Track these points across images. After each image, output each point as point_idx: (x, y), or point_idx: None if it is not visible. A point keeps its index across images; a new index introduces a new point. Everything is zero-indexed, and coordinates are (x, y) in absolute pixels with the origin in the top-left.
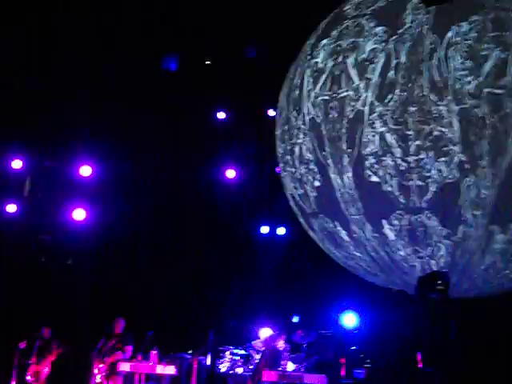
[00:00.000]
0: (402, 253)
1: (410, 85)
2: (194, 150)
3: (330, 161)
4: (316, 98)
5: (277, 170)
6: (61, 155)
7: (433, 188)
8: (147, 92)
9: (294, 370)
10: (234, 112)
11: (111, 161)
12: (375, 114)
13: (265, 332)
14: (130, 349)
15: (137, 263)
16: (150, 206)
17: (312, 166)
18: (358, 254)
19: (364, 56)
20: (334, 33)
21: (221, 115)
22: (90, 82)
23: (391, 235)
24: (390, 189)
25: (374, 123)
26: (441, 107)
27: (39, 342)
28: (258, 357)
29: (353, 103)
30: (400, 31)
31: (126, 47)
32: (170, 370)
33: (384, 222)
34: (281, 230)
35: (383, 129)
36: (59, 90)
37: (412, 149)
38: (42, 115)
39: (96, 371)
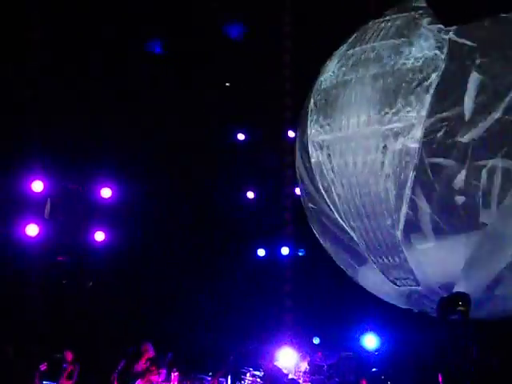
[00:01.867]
0: None
1: None
2: (214, 172)
3: None
4: None
5: (295, 190)
6: (81, 177)
7: None
8: (165, 112)
9: None
10: (254, 133)
11: (131, 183)
12: None
13: (285, 354)
14: (164, 372)
15: (157, 285)
16: (169, 228)
17: None
18: None
19: None
20: None
21: (240, 136)
22: (112, 105)
23: None
24: None
25: None
26: None
27: (64, 365)
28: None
29: None
30: None
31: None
32: None
33: None
34: (301, 251)
35: None
36: (80, 113)
37: None
38: (62, 138)
39: None
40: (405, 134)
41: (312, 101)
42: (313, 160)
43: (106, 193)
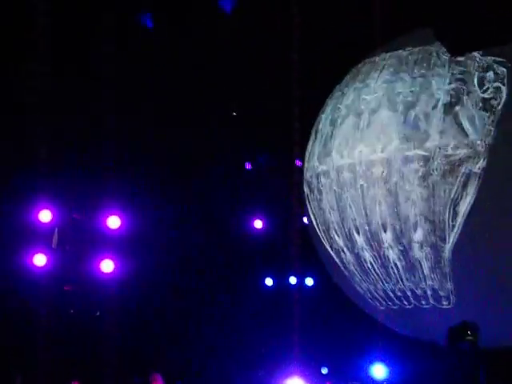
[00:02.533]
0: None
1: None
2: (222, 201)
3: None
4: None
5: (304, 219)
6: (89, 207)
7: None
8: (173, 140)
9: None
10: (262, 162)
11: (139, 212)
12: None
13: (293, 382)
14: None
15: (165, 315)
16: (178, 258)
17: None
18: None
19: None
20: None
21: (247, 165)
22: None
23: None
24: None
25: None
26: None
27: None
28: None
29: None
30: None
31: None
32: None
33: None
34: (309, 281)
35: None
36: (88, 142)
37: None
38: (69, 167)
39: None
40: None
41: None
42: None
43: (113, 222)
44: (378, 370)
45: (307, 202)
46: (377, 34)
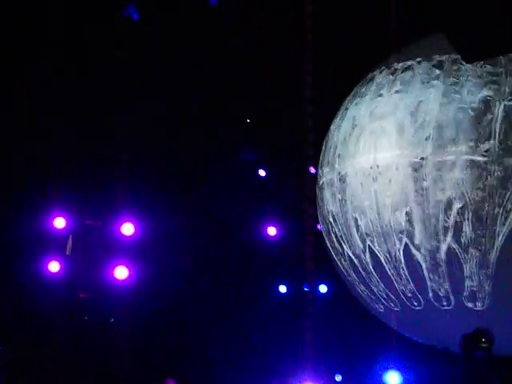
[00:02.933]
0: None
1: None
2: (236, 208)
3: None
4: None
5: (318, 227)
6: (103, 214)
7: None
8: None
9: None
10: (275, 168)
11: (153, 219)
12: None
13: None
14: None
15: (179, 322)
16: (191, 264)
17: None
18: None
19: None
20: None
21: (261, 172)
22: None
23: None
24: None
25: None
26: None
27: None
28: None
29: None
30: None
31: None
32: None
33: None
34: (323, 288)
35: None
36: (102, 149)
37: None
38: (84, 174)
39: None
40: None
41: None
42: None
43: (128, 229)
44: (393, 378)
45: (320, 208)
46: (391, 40)
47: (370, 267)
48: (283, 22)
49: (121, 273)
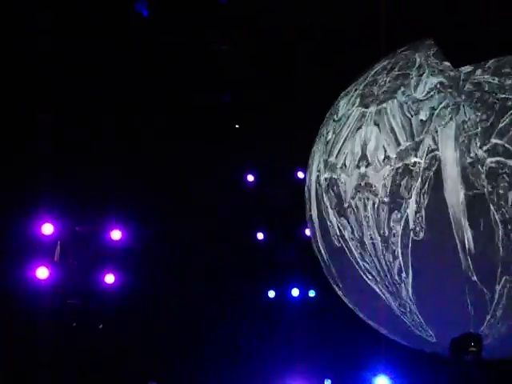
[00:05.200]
0: None
1: None
2: (224, 213)
3: None
4: None
5: (306, 231)
6: (91, 220)
7: None
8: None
9: None
10: (263, 174)
11: (142, 225)
12: None
13: None
14: None
15: (168, 327)
16: (180, 270)
17: None
18: None
19: None
20: None
21: (250, 178)
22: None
23: None
24: None
25: None
26: None
27: None
28: None
29: None
30: None
31: None
32: None
33: None
34: (311, 293)
35: None
36: (90, 154)
37: None
38: (72, 180)
39: None
40: None
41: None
42: None
43: (116, 235)
44: (381, 382)
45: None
46: (382, 44)
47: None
48: (273, 24)
49: (110, 279)
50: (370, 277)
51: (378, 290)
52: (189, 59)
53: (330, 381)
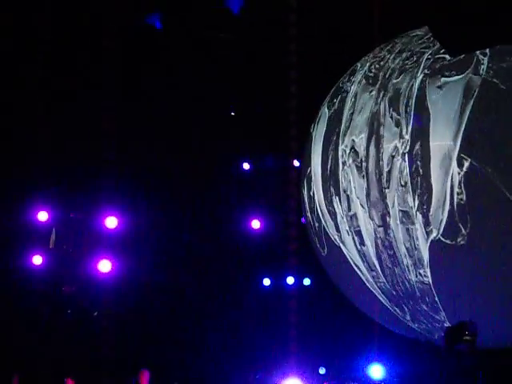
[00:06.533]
0: None
1: None
2: (220, 201)
3: None
4: None
5: (302, 220)
6: (86, 207)
7: None
8: (171, 141)
9: None
10: (260, 162)
11: (137, 212)
12: None
13: (290, 383)
14: None
15: (162, 315)
16: (175, 258)
17: None
18: None
19: None
20: None
21: (246, 166)
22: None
23: None
24: None
25: None
26: None
27: None
28: None
29: None
30: None
31: None
32: None
33: None
34: (306, 281)
35: None
36: (85, 142)
37: None
38: (67, 167)
39: None
40: None
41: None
42: None
43: (111, 222)
44: (376, 370)
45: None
46: (375, 33)
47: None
48: (266, 18)
49: (104, 266)
50: None
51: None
52: (185, 46)
53: (324, 368)
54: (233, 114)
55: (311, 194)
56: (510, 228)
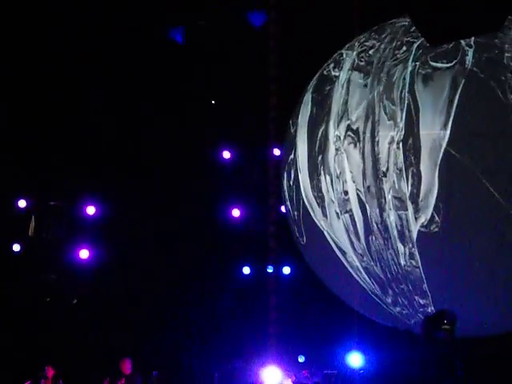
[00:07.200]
0: None
1: None
2: (199, 189)
3: None
4: None
5: (281, 208)
6: (66, 194)
7: None
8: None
9: None
10: (239, 150)
11: (115, 200)
12: None
13: (270, 372)
14: None
15: (142, 303)
16: (154, 246)
17: None
18: None
19: None
20: None
21: (226, 154)
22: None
23: None
24: None
25: None
26: None
27: (43, 381)
28: None
29: None
30: None
31: None
32: None
33: None
34: (286, 269)
35: None
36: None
37: None
38: (45, 154)
39: None
40: None
41: None
42: None
43: (90, 210)
44: (355, 359)
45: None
46: (355, 22)
47: None
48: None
49: (84, 253)
50: None
51: None
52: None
53: (303, 357)
54: (213, 102)
55: (290, 183)
56: (484, 218)
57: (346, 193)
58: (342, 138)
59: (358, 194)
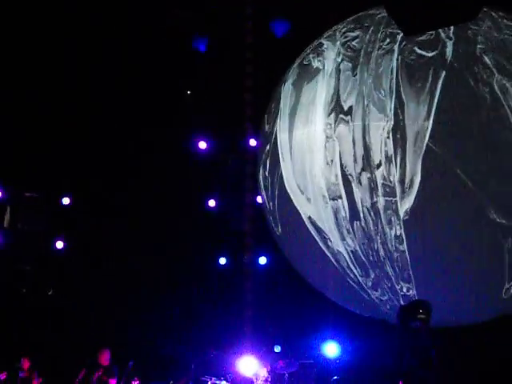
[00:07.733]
0: None
1: None
2: (176, 180)
3: None
4: None
5: (258, 199)
6: (41, 185)
7: None
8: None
9: None
10: (215, 141)
11: (91, 190)
12: None
13: (245, 362)
14: (113, 382)
15: (118, 293)
16: (132, 235)
17: None
18: None
19: None
20: None
21: (202, 145)
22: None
23: None
24: None
25: None
26: None
27: (21, 373)
28: None
29: None
30: None
31: None
32: None
33: None
34: (262, 260)
35: None
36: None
37: None
38: (20, 144)
39: None
40: None
41: None
42: None
43: (66, 200)
44: (331, 348)
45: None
46: (330, 12)
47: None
48: None
49: (60, 244)
50: None
51: None
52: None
53: (279, 347)
54: (189, 92)
55: (266, 174)
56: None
57: (337, 178)
58: (332, 125)
59: (348, 180)
